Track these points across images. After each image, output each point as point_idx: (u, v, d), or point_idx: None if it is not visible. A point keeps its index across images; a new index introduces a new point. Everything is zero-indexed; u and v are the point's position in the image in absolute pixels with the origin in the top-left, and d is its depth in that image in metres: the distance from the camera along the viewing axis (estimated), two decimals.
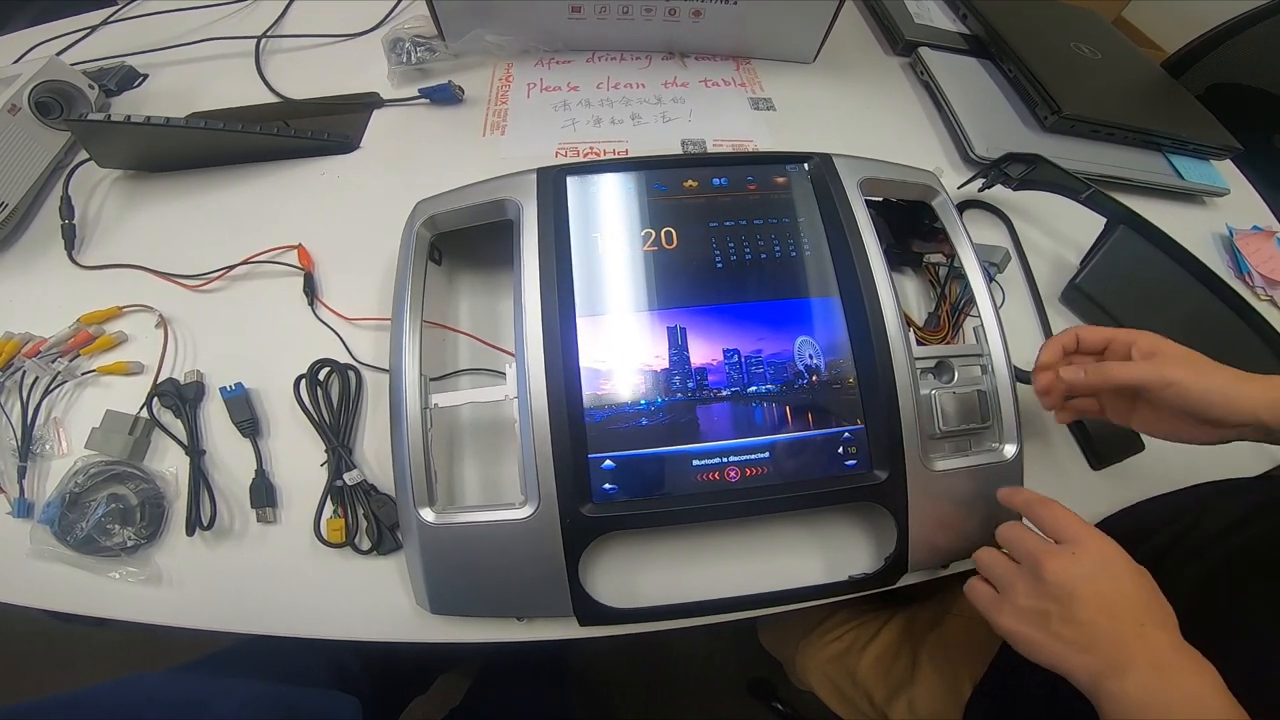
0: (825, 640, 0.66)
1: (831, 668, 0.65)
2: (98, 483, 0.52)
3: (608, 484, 0.47)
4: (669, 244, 0.53)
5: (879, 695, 0.59)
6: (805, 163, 0.56)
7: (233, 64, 0.80)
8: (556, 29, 0.78)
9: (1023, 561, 0.42)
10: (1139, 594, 0.39)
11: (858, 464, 0.50)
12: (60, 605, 0.50)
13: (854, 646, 0.64)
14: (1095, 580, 0.39)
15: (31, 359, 0.56)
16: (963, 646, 0.56)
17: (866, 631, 0.64)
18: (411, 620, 0.50)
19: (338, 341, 0.58)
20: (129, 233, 0.65)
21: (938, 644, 0.57)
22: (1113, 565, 0.40)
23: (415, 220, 0.53)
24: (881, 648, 0.62)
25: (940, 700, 0.55)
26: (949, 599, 0.60)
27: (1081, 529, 0.41)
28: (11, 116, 0.64)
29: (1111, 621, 0.37)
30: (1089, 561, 0.39)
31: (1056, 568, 0.39)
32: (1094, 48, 0.87)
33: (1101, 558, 0.40)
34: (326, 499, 0.52)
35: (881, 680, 0.59)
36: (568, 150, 0.72)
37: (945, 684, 0.55)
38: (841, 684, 0.63)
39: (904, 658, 0.59)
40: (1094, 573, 0.39)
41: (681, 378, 0.50)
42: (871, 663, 0.61)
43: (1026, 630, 0.40)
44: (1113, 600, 0.38)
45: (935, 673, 0.56)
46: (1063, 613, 0.38)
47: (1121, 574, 0.39)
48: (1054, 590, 0.39)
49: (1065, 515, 0.43)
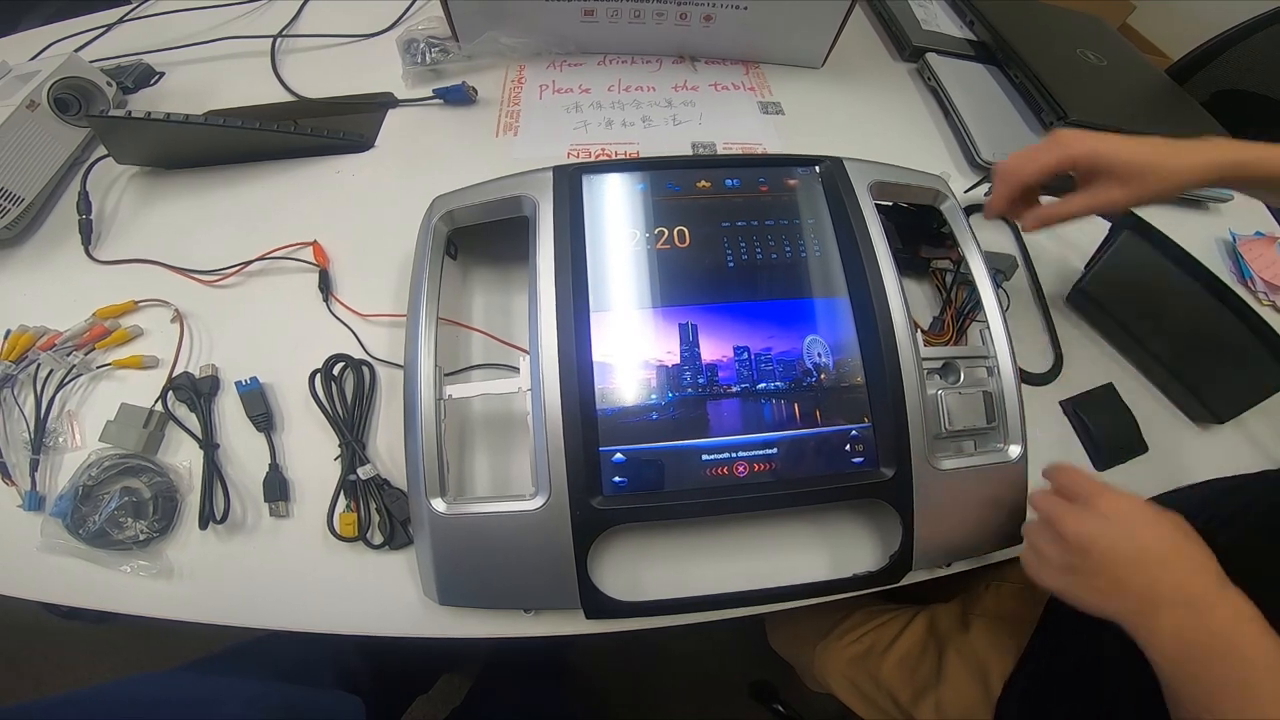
0: (844, 642, 0.66)
1: (852, 670, 0.64)
2: (111, 476, 0.52)
3: (618, 477, 0.48)
4: (681, 243, 0.53)
5: (904, 697, 0.59)
6: (817, 166, 0.57)
7: (248, 63, 0.80)
8: (569, 32, 0.79)
9: (1048, 524, 0.44)
10: (1161, 542, 0.40)
11: (864, 461, 0.50)
12: (70, 599, 0.50)
13: (875, 648, 0.63)
14: (1110, 533, 0.41)
15: (46, 352, 0.56)
16: (990, 646, 0.56)
17: (887, 633, 0.64)
18: (420, 615, 0.50)
19: (352, 337, 0.59)
20: (145, 228, 0.66)
21: (964, 644, 0.57)
22: (1128, 517, 0.41)
23: (433, 215, 0.54)
24: (905, 649, 0.62)
25: (969, 700, 0.55)
26: (971, 601, 0.60)
27: (1093, 487, 0.44)
28: (30, 112, 0.65)
29: (1135, 568, 0.39)
30: (1102, 516, 0.42)
31: (1072, 524, 0.42)
32: (1100, 54, 0.87)
33: (1115, 511, 0.42)
34: (340, 493, 0.52)
35: (907, 681, 0.59)
36: (579, 151, 0.72)
37: (975, 683, 0.55)
38: (864, 686, 0.63)
39: (929, 659, 0.59)
40: (1108, 526, 0.41)
41: (692, 374, 0.50)
42: (895, 664, 0.61)
43: (1063, 584, 0.42)
44: (1131, 550, 0.40)
45: (964, 672, 0.56)
46: (1087, 564, 0.41)
47: (1139, 524, 0.41)
48: (1074, 545, 0.42)
49: (1077, 476, 0.46)
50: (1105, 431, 0.61)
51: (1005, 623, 0.57)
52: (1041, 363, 0.65)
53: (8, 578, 0.51)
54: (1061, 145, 0.51)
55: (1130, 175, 0.50)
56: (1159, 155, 0.50)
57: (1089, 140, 0.51)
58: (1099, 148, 0.50)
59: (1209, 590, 0.38)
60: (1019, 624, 0.56)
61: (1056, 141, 0.52)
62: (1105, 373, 0.65)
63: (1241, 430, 0.65)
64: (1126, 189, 0.51)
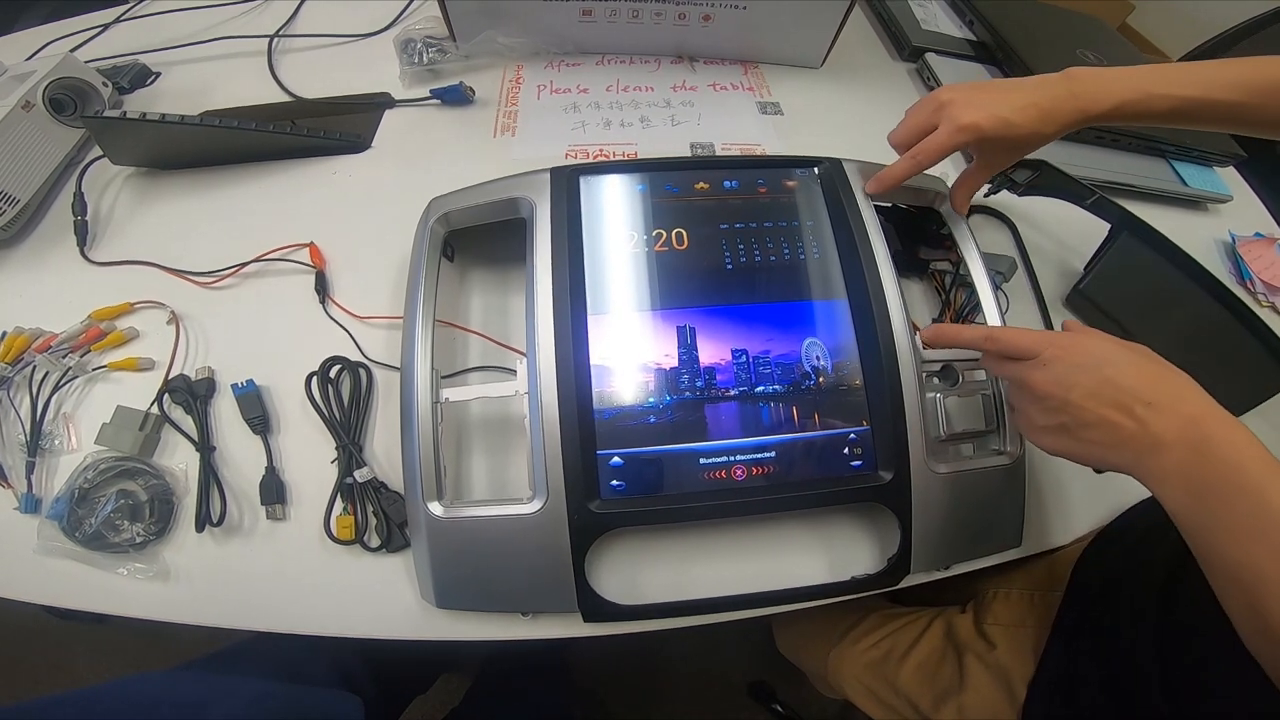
0: (860, 648, 0.66)
1: (868, 675, 0.64)
2: (107, 478, 0.52)
3: (615, 480, 0.48)
4: (680, 245, 0.53)
5: (925, 703, 0.58)
6: (815, 167, 0.57)
7: (245, 63, 0.80)
8: (567, 32, 0.79)
9: (1022, 387, 0.42)
10: (1139, 379, 0.38)
11: (863, 465, 0.50)
12: (67, 602, 0.50)
13: (892, 654, 0.63)
14: (1084, 380, 0.39)
15: (42, 354, 0.56)
16: (1010, 653, 0.55)
17: (904, 638, 0.64)
18: (418, 618, 0.50)
19: (349, 339, 0.59)
20: (141, 230, 0.66)
21: (984, 651, 0.57)
22: (1095, 356, 0.39)
23: (430, 216, 0.54)
24: (924, 655, 0.61)
25: (994, 704, 0.54)
26: (982, 609, 0.60)
27: (1038, 339, 0.42)
28: (25, 113, 0.65)
29: (1121, 411, 0.37)
30: (1064, 365, 0.40)
31: (1041, 381, 0.40)
32: (1099, 54, 0.87)
33: (1075, 353, 0.40)
34: (337, 496, 0.52)
35: (926, 687, 0.59)
36: (578, 152, 0.72)
37: (999, 688, 0.54)
38: (880, 691, 0.63)
39: (949, 664, 0.58)
40: (1080, 374, 0.39)
41: (690, 377, 0.50)
42: (914, 670, 0.60)
43: (1063, 445, 0.40)
44: (1111, 394, 0.38)
45: (986, 677, 0.55)
46: (1075, 419, 0.39)
47: (1109, 363, 0.39)
48: (1053, 403, 0.40)
49: (1014, 335, 0.43)
50: None
51: (1019, 629, 0.56)
52: None
53: (5, 580, 0.51)
54: (953, 126, 0.50)
55: (1018, 144, 0.51)
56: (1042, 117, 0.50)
57: (972, 116, 0.50)
58: (983, 126, 0.49)
59: (1201, 423, 0.35)
60: (1033, 629, 0.56)
61: (948, 118, 0.50)
62: None
63: None
64: (1014, 153, 0.54)
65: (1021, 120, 0.50)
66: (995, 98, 0.50)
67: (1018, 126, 0.50)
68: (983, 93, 0.51)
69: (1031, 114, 0.50)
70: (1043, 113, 0.50)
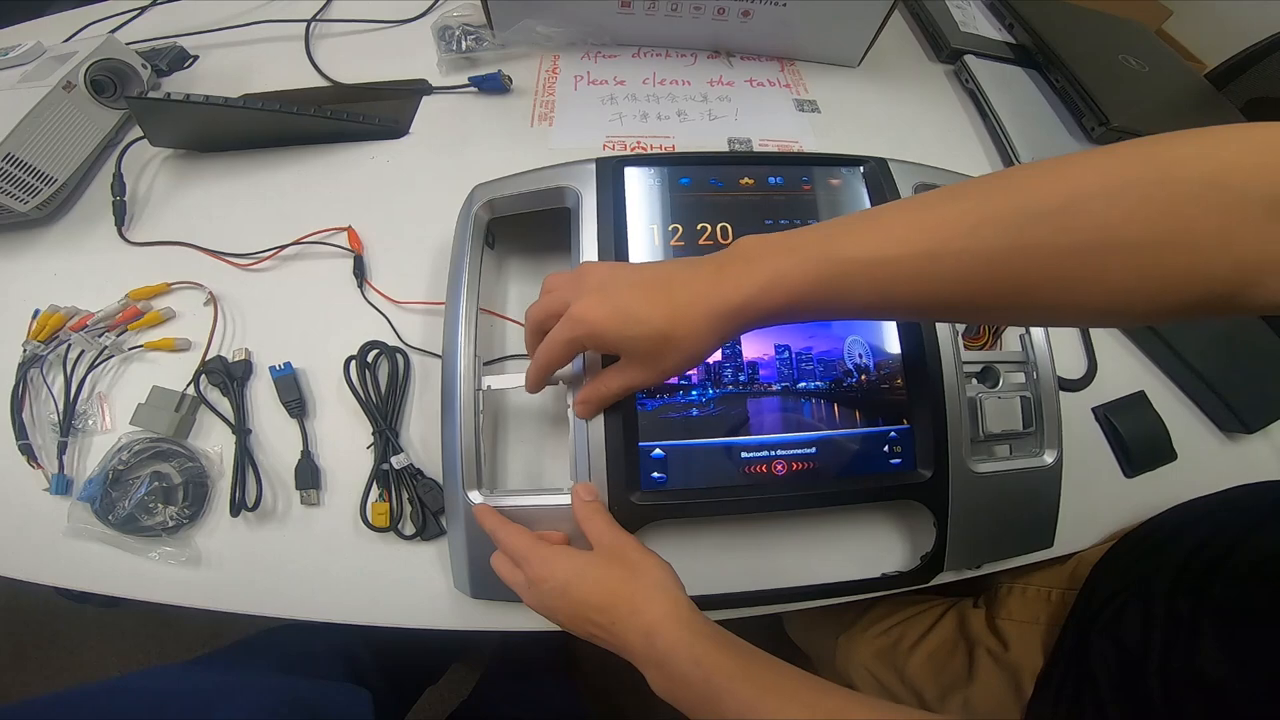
0: (870, 635, 0.66)
1: (876, 664, 0.64)
2: (141, 460, 0.52)
3: (656, 473, 0.47)
4: (724, 239, 0.53)
5: (930, 693, 0.58)
6: (861, 166, 0.56)
7: (282, 47, 0.80)
8: (605, 23, 0.78)
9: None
10: (595, 591, 0.40)
11: (902, 463, 0.50)
12: (94, 586, 0.50)
13: (902, 643, 0.63)
14: (558, 605, 0.41)
15: (78, 332, 0.56)
16: (1021, 649, 0.55)
17: (915, 628, 0.64)
18: (450, 608, 0.50)
19: (386, 324, 0.58)
20: (179, 211, 0.66)
21: (995, 646, 0.57)
22: (557, 582, 0.41)
23: (474, 203, 0.53)
24: (934, 646, 0.61)
25: (1000, 700, 0.54)
26: (995, 604, 0.60)
27: (522, 552, 0.43)
28: (66, 94, 0.65)
29: (596, 627, 0.40)
30: (542, 590, 0.41)
31: (531, 601, 0.43)
32: (1141, 60, 0.86)
33: (548, 577, 0.41)
34: (373, 483, 0.52)
35: (933, 679, 0.59)
36: (615, 143, 0.72)
37: (1006, 684, 0.54)
38: (887, 680, 0.63)
39: (959, 657, 0.59)
40: (549, 598, 0.41)
41: (733, 371, 0.49)
42: (923, 660, 0.61)
43: (578, 629, 0.41)
44: (581, 612, 0.40)
45: (995, 672, 0.55)
46: (570, 619, 0.41)
47: (569, 582, 0.40)
48: (547, 605, 0.42)
49: (513, 540, 0.44)
50: (1136, 439, 0.61)
51: (1033, 626, 0.57)
52: (1075, 369, 0.65)
53: (32, 563, 0.51)
54: (573, 324, 0.39)
55: (645, 356, 0.39)
56: (674, 323, 0.37)
57: (592, 316, 0.38)
58: (601, 328, 0.38)
59: (655, 639, 0.37)
60: (1046, 627, 0.56)
61: (568, 318, 0.39)
62: (1137, 380, 0.65)
63: (1269, 441, 0.64)
64: (646, 371, 0.40)
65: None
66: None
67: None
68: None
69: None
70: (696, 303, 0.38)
